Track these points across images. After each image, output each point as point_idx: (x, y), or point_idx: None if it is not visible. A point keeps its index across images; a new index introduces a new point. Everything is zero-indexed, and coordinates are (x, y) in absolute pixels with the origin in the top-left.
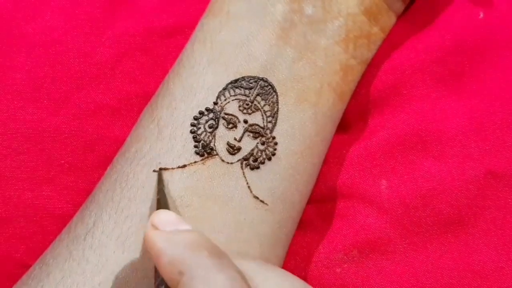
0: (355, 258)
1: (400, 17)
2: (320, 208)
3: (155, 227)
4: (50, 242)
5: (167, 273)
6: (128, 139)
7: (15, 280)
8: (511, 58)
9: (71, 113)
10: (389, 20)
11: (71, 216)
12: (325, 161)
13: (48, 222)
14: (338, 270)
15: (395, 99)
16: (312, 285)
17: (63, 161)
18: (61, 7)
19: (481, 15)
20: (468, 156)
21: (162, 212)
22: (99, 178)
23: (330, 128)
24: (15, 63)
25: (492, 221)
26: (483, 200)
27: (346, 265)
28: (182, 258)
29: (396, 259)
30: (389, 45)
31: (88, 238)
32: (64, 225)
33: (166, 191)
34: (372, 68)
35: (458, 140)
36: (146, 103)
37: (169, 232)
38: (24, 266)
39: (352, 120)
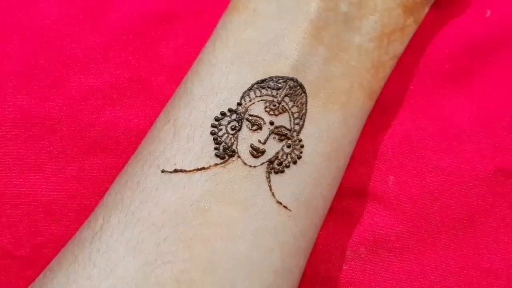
0: (362, 255)
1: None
2: None
3: None
4: (38, 230)
5: None
6: (142, 142)
7: (1, 271)
8: None
9: (62, 98)
10: (423, 10)
11: (59, 204)
12: None
13: (35, 210)
14: (345, 267)
15: (403, 95)
16: (319, 282)
17: (52, 148)
18: None
19: (488, 13)
20: (477, 152)
21: None
22: (89, 165)
23: (357, 129)
24: (6, 49)
25: (502, 218)
26: (493, 197)
27: (353, 262)
28: None
29: (404, 256)
30: None
31: (95, 242)
32: (52, 213)
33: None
34: None
35: (467, 136)
36: (138, 88)
37: None
38: (9, 257)
39: None
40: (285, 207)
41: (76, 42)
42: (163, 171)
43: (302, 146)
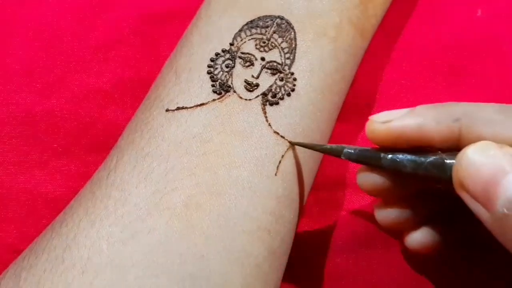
0: (355, 248)
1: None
2: (318, 197)
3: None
4: (43, 226)
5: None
6: (149, 90)
7: (6, 265)
8: (508, 55)
9: (64, 97)
10: None
11: (63, 200)
12: None
13: (40, 206)
14: (337, 260)
15: (393, 90)
16: (312, 275)
17: (55, 145)
18: None
19: (479, 12)
20: None
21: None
22: (92, 162)
23: (350, 65)
24: (8, 48)
25: None
26: None
27: (345, 255)
28: None
29: (396, 249)
30: (388, 40)
31: (110, 178)
32: (57, 209)
33: None
34: (371, 60)
35: None
36: (139, 88)
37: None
38: (15, 251)
39: (350, 111)
40: (282, 137)
41: (78, 41)
42: (167, 110)
43: (295, 79)
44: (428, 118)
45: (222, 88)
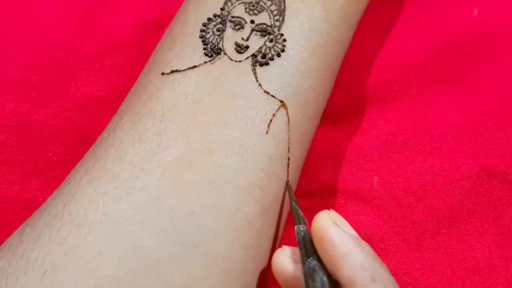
0: None
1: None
2: (312, 203)
3: (335, 224)
4: None
5: (356, 274)
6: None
7: None
8: (505, 55)
9: (60, 105)
10: None
11: None
12: (316, 157)
13: None
14: None
15: (387, 95)
16: None
17: (51, 154)
18: (51, 1)
19: (475, 12)
20: (461, 153)
21: (336, 214)
22: None
23: (344, 28)
24: (3, 56)
25: (485, 218)
26: (476, 197)
27: None
28: (373, 266)
29: (388, 256)
30: (383, 41)
31: (110, 139)
32: None
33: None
34: (365, 63)
35: (451, 136)
36: None
37: (356, 237)
38: None
39: (344, 116)
40: (273, 96)
41: (73, 50)
42: (162, 74)
43: (284, 40)
44: (360, 257)
45: (213, 51)
